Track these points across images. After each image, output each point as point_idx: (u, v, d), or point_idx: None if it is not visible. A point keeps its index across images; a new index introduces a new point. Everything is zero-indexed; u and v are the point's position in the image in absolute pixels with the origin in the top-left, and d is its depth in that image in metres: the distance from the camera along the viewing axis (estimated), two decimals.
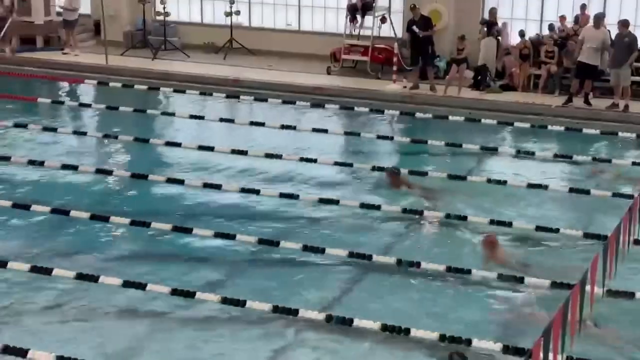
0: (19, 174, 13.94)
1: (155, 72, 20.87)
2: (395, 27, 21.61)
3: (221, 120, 16.34)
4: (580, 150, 14.72)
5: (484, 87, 19.66)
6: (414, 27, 19.62)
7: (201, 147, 14.55)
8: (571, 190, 12.88)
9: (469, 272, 10.10)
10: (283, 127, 15.57)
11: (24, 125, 15.83)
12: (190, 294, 9.30)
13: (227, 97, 18.42)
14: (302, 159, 14.17)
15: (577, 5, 20.56)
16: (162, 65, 21.47)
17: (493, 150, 15.12)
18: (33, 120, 16.59)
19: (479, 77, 19.81)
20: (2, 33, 22.07)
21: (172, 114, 17.21)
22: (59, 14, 23.19)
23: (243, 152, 14.34)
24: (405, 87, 19.91)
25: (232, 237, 10.97)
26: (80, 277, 9.74)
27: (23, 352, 8.00)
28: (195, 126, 16.62)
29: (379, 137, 15.73)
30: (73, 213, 11.56)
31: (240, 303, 9.16)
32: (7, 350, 8.04)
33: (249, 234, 11.16)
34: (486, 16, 20.74)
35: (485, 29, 20.02)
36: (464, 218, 11.87)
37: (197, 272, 10.80)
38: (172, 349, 9.15)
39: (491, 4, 21.09)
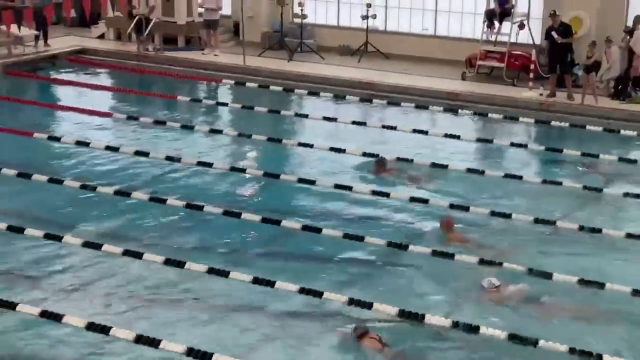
0: (157, 169, 14.34)
1: (291, 73, 21.11)
2: (533, 34, 21.17)
3: (353, 122, 16.43)
4: None
5: (624, 96, 19.02)
6: (553, 33, 19.18)
7: (333, 149, 14.69)
8: None
9: (602, 286, 9.80)
10: (415, 131, 15.55)
11: (163, 122, 16.32)
12: (318, 294, 9.36)
13: (361, 100, 18.51)
14: (433, 165, 14.08)
15: None
16: (298, 67, 21.71)
17: (632, 163, 14.60)
18: (172, 118, 17.09)
19: (620, 87, 19.19)
20: (146, 32, 22.79)
21: (306, 116, 17.39)
22: (200, 14, 23.76)
23: (374, 155, 14.38)
24: (541, 94, 19.47)
25: (360, 238, 11.00)
26: (211, 271, 9.96)
27: (156, 342, 8.21)
28: (328, 128, 16.72)
29: (512, 144, 15.48)
30: (207, 208, 11.86)
31: (367, 305, 9.17)
32: (141, 339, 8.28)
33: (378, 237, 11.18)
34: (630, 24, 20.06)
35: (629, 37, 19.37)
36: (599, 231, 11.53)
37: (325, 272, 10.85)
38: (297, 347, 9.22)
39: (637, 11, 20.36)
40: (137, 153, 14.41)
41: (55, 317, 8.77)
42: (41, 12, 17.45)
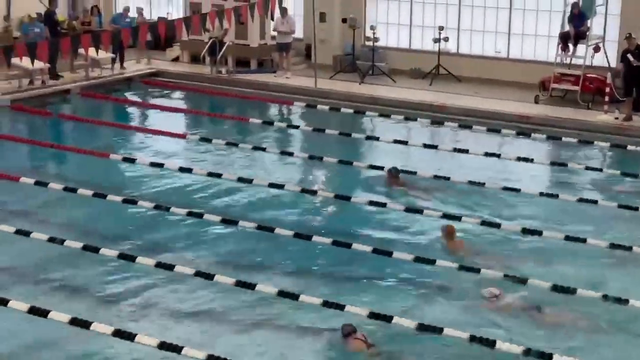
0: (229, 190, 14.46)
1: (362, 96, 21.16)
2: (609, 57, 20.88)
3: (425, 145, 16.38)
4: None
5: None
6: (629, 56, 18.89)
7: (404, 172, 14.65)
8: None
9: None
10: (487, 154, 15.44)
11: (235, 144, 16.49)
12: (387, 318, 9.32)
13: (432, 122, 18.44)
14: (505, 188, 13.95)
15: None
16: (369, 90, 21.75)
17: None
18: (244, 139, 17.24)
19: None
20: (220, 55, 23.10)
21: (377, 138, 17.37)
22: (272, 37, 24.00)
23: (445, 178, 14.30)
24: (617, 118, 19.16)
25: (432, 262, 10.93)
26: (281, 294, 10.00)
27: None
28: (399, 151, 16.70)
29: (587, 168, 15.26)
30: (277, 230, 11.91)
31: (437, 330, 9.10)
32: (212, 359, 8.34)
33: (450, 260, 11.10)
34: None
35: None
36: None
37: (395, 296, 10.80)
38: None
39: None
40: (210, 174, 14.57)
41: (128, 336, 8.89)
42: (118, 36, 17.84)
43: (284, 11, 22.83)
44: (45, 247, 11.49)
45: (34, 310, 9.39)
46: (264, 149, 16.40)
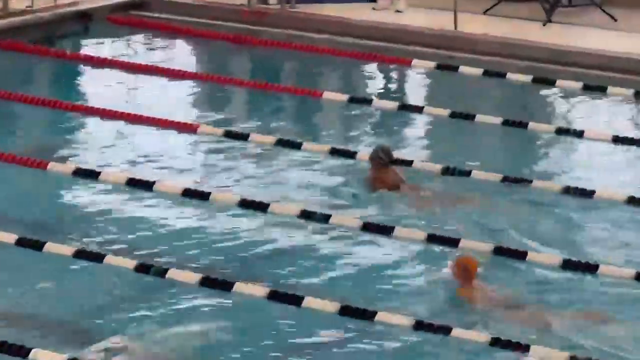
0: (278, 233, 14.59)
1: (547, 48, 21.32)
2: None
3: None
4: None
5: None
6: None
7: (632, 200, 14.88)
8: None
9: None
10: None
11: (295, 145, 16.61)
12: None
13: None
14: None
15: None
16: (560, 36, 21.88)
17: None
18: (311, 135, 17.50)
19: None
20: None
21: (579, 134, 17.51)
22: None
23: None
24: None
25: None
26: None
27: None
28: (620, 154, 16.93)
29: None
30: (381, 316, 12.19)
31: None
32: None
33: None
34: None
35: None
36: None
37: None
38: None
39: None
40: (243, 204, 14.77)
41: None
42: None
43: None
44: None
45: None
46: (351, 155, 16.48)
